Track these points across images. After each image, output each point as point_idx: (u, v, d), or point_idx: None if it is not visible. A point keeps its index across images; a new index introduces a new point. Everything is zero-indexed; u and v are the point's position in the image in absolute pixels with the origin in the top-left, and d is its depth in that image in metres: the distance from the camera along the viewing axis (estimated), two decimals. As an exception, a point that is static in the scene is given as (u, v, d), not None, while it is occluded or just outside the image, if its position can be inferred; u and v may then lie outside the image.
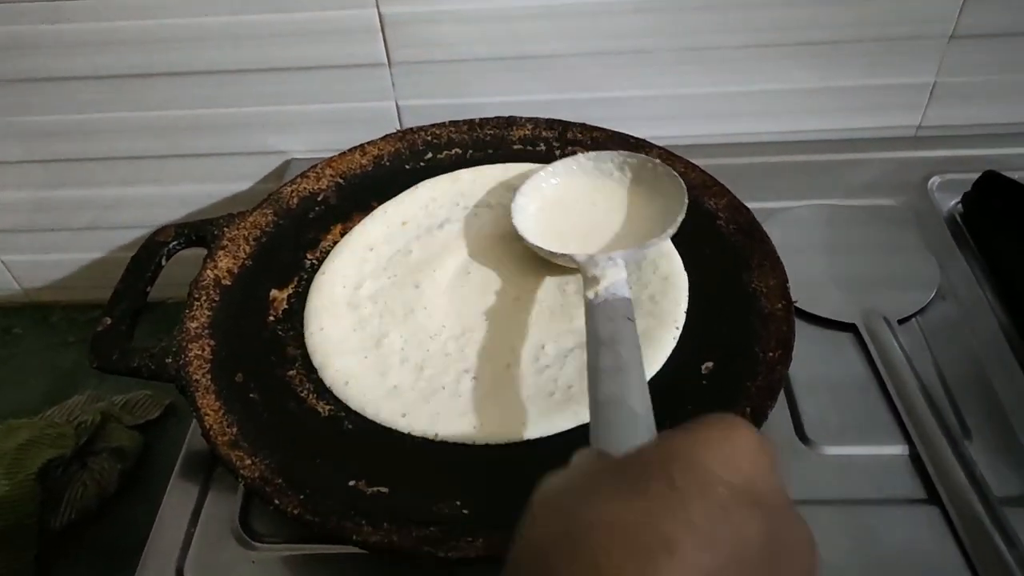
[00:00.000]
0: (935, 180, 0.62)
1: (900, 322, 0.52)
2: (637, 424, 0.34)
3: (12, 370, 0.78)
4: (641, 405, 0.35)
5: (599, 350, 0.39)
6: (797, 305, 0.49)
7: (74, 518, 0.64)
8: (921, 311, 0.53)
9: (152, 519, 0.66)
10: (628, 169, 0.55)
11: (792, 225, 0.58)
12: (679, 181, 0.52)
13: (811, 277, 0.54)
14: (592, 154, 0.55)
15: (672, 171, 0.52)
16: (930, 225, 0.59)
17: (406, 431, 0.44)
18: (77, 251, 0.80)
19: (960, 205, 0.60)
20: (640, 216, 0.52)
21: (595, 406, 0.36)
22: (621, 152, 0.55)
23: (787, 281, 0.48)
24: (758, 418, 0.42)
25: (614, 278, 0.44)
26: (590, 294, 0.44)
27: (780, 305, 0.47)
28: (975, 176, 0.59)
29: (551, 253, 0.50)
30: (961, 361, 0.51)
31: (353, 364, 0.48)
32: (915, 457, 0.46)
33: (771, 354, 0.45)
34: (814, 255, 0.57)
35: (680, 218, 0.49)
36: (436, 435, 0.44)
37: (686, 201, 0.50)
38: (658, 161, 0.54)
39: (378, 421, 0.45)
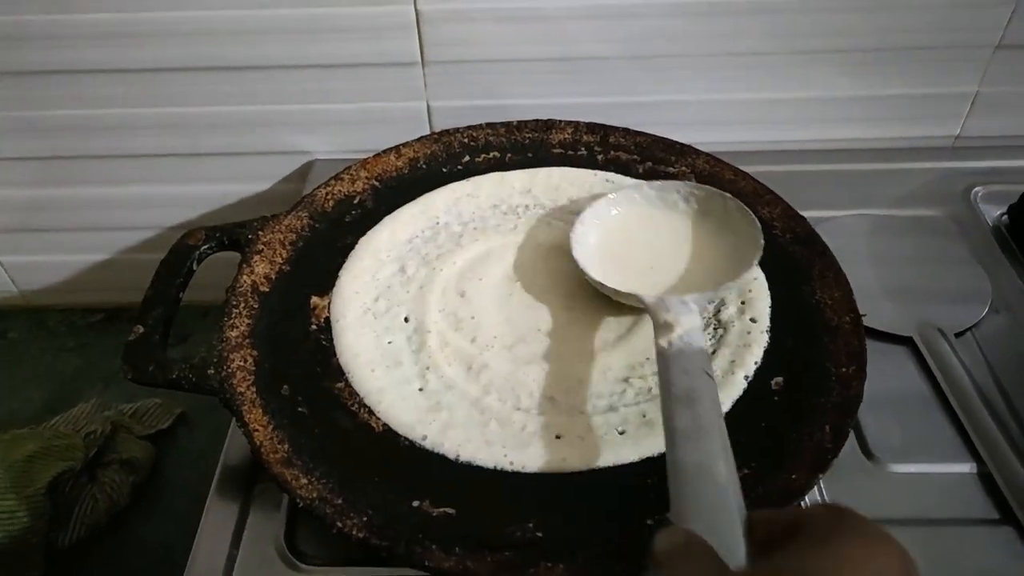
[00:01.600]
0: (978, 191, 0.61)
1: (957, 335, 0.52)
2: (724, 498, 0.32)
3: (9, 377, 0.74)
4: (726, 473, 0.33)
5: (675, 408, 0.36)
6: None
7: (83, 535, 0.61)
8: (976, 324, 0.52)
9: (166, 535, 0.63)
10: (695, 201, 0.52)
11: (836, 235, 0.56)
12: (752, 217, 0.49)
13: (861, 289, 0.52)
14: (657, 183, 0.52)
15: (744, 206, 0.49)
16: (976, 236, 0.58)
17: (455, 459, 0.42)
18: (79, 252, 0.77)
19: (1006, 216, 0.59)
20: (709, 253, 0.50)
21: (674, 471, 0.34)
22: (688, 183, 0.52)
23: (852, 293, 0.47)
24: (839, 437, 0.40)
25: (688, 325, 0.41)
26: (663, 342, 0.41)
27: (848, 318, 0.46)
28: (1019, 187, 0.59)
29: (615, 291, 0.47)
30: (1020, 374, 0.50)
31: (388, 382, 0.45)
32: (985, 475, 0.45)
33: (844, 369, 0.44)
34: (862, 266, 0.56)
35: (756, 258, 0.46)
36: (507, 463, 0.42)
37: (762, 241, 0.47)
38: (729, 195, 0.50)
39: (427, 447, 0.42)
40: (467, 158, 0.59)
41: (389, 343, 0.48)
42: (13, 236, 0.75)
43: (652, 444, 0.42)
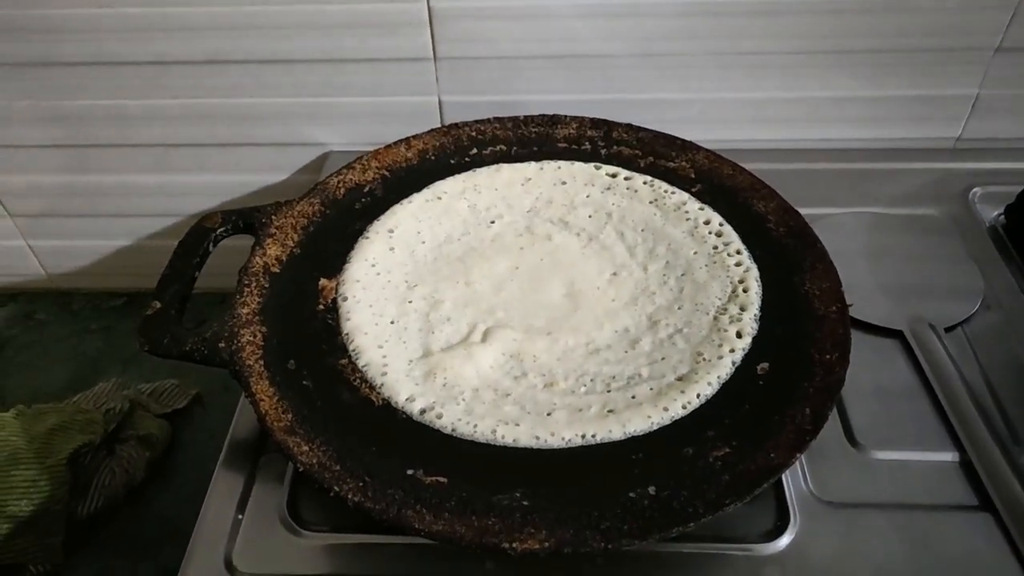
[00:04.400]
0: (976, 191, 0.62)
1: (947, 330, 0.53)
2: None
3: (35, 355, 0.77)
4: None
5: None
6: (844, 310, 0.49)
7: (101, 506, 0.63)
8: (967, 320, 0.53)
9: (179, 509, 0.66)
10: None
11: (835, 231, 0.58)
12: None
13: (856, 283, 0.54)
14: None
15: None
16: (972, 235, 0.59)
17: (451, 433, 0.44)
18: (104, 238, 0.80)
19: (1003, 217, 0.60)
20: None
21: None
22: None
23: (840, 284, 0.49)
24: (819, 419, 0.42)
25: None
26: None
27: (835, 308, 0.47)
28: (1017, 189, 0.59)
29: None
30: (1008, 369, 0.51)
31: (391, 359, 0.47)
32: (966, 464, 0.46)
33: (827, 356, 0.45)
34: (858, 261, 0.57)
35: None
36: (498, 437, 0.43)
37: None
38: None
39: (424, 421, 0.44)
40: (475, 150, 0.61)
41: (392, 323, 0.50)
42: (43, 221, 0.78)
43: (638, 424, 0.43)
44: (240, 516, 0.45)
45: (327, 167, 0.68)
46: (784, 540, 0.43)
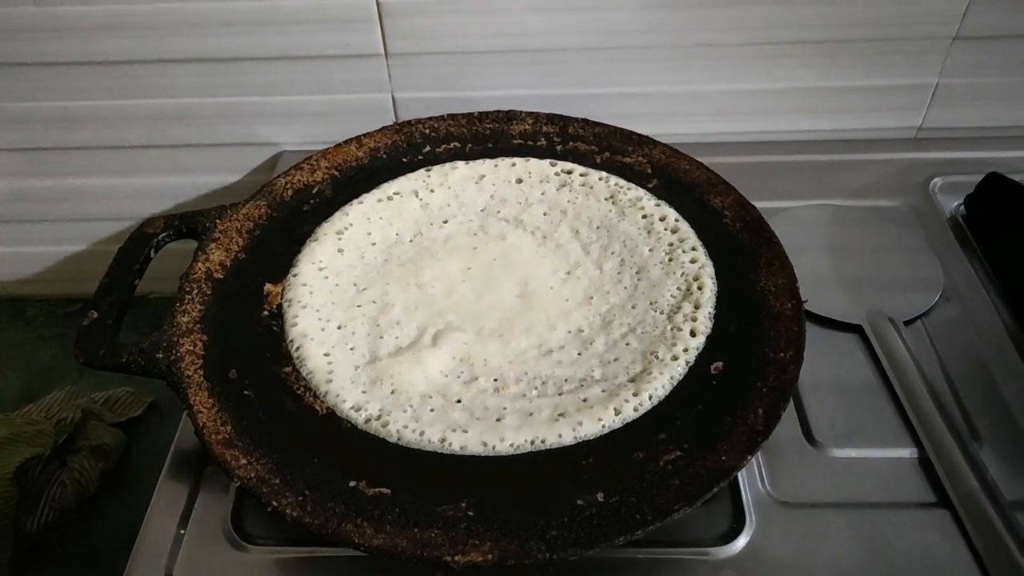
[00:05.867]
0: (937, 182, 0.62)
1: (906, 323, 0.52)
2: None
3: (-12, 365, 0.76)
4: None
5: None
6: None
7: (52, 519, 0.62)
8: (926, 312, 0.53)
9: (134, 520, 0.64)
10: None
11: (795, 225, 0.58)
12: None
13: (815, 277, 0.53)
14: None
15: None
16: (933, 226, 0.59)
17: (396, 442, 0.43)
18: (56, 244, 0.78)
19: (963, 207, 0.60)
20: None
21: None
22: None
23: (796, 280, 0.48)
24: (771, 420, 0.41)
25: None
26: None
27: (789, 304, 0.46)
28: (977, 178, 0.59)
29: None
30: (967, 363, 0.50)
31: (336, 366, 0.46)
32: (924, 460, 0.45)
33: (781, 354, 0.44)
34: (818, 255, 0.57)
35: None
36: (444, 446, 0.42)
37: None
38: None
39: (368, 430, 0.43)
40: (428, 148, 0.59)
41: (339, 328, 0.48)
42: (-6, 227, 0.76)
43: (589, 428, 0.42)
44: (182, 531, 0.44)
45: (280, 167, 0.67)
46: (740, 542, 0.42)
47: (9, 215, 0.75)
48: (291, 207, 0.55)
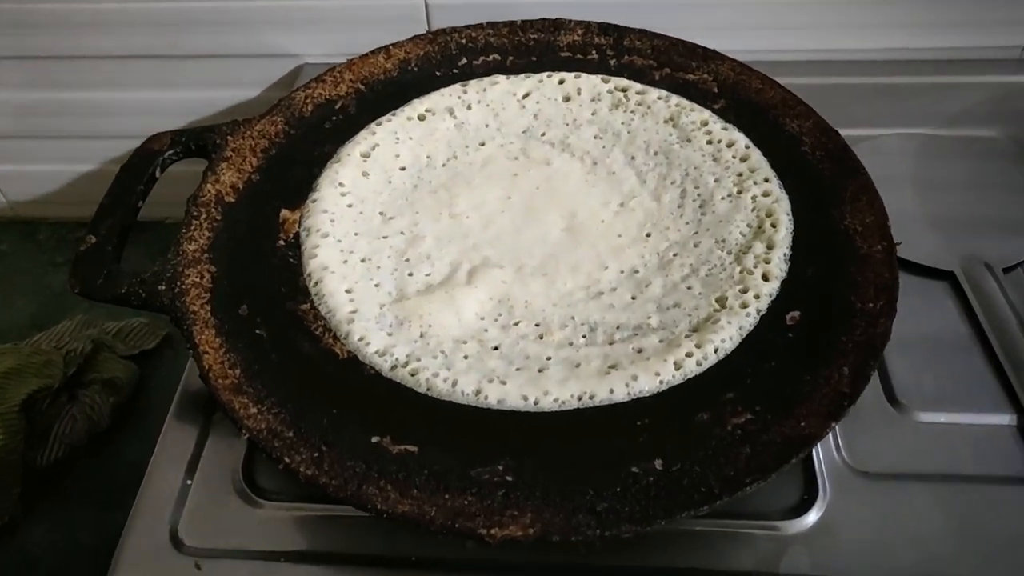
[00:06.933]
0: (1045, 109, 0.56)
1: (1005, 271, 0.47)
2: None
3: (-3, 289, 0.73)
4: None
5: None
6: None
7: (62, 455, 0.60)
8: (1029, 259, 0.48)
9: (148, 458, 0.61)
10: None
11: (879, 156, 0.52)
12: None
13: (902, 217, 0.47)
14: None
15: None
16: (1037, 161, 0.53)
17: (425, 392, 0.38)
18: (64, 162, 0.74)
19: (1075, 139, 0.54)
20: None
21: None
22: None
23: (887, 219, 0.43)
24: (858, 381, 0.36)
25: None
26: None
27: (880, 247, 0.42)
28: (1092, 105, 0.52)
29: None
30: (1077, 318, 0.45)
31: (360, 304, 0.42)
32: (1025, 428, 0.41)
33: (871, 304, 0.40)
34: (905, 191, 0.52)
35: None
36: (481, 399, 0.38)
37: None
38: None
39: (395, 377, 0.39)
40: (464, 61, 0.54)
41: (363, 261, 0.44)
42: (1, 143, 0.73)
43: (644, 383, 0.38)
44: (189, 481, 0.41)
45: (301, 81, 0.61)
46: (812, 516, 0.38)
47: (18, 130, 0.72)
48: (311, 124, 0.51)
